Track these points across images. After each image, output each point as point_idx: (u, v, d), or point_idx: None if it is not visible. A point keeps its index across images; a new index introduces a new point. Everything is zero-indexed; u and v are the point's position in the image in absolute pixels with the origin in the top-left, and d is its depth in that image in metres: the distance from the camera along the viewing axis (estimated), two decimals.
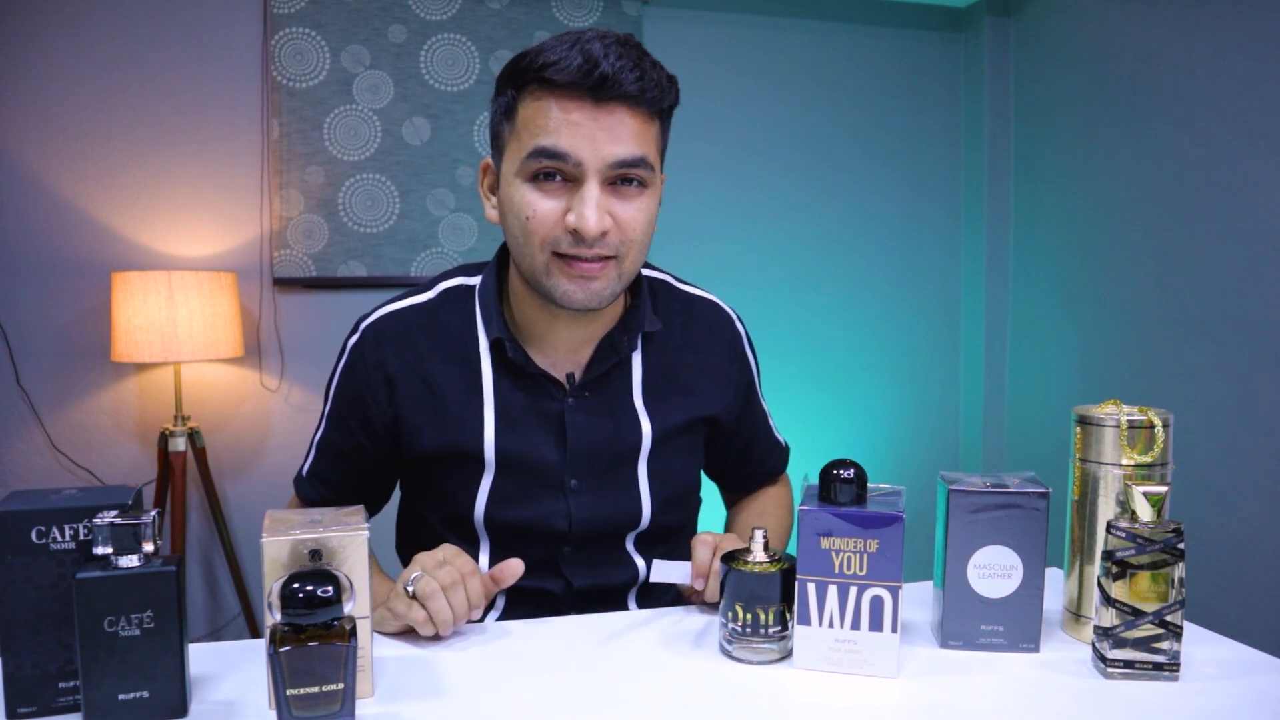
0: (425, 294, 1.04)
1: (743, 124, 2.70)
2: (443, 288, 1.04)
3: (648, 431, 1.02)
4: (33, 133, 2.18)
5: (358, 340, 1.02)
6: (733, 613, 0.81)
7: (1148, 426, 0.83)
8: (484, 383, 1.00)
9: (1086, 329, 2.52)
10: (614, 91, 0.86)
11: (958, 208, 2.92)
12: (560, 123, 0.87)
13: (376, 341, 1.01)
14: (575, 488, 1.00)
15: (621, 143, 0.88)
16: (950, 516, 0.83)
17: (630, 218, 0.91)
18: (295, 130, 2.31)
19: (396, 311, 1.02)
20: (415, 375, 1.00)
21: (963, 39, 2.88)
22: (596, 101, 0.87)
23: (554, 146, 0.87)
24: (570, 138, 0.87)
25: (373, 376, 1.00)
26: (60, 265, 2.21)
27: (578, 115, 0.87)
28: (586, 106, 0.87)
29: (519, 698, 0.75)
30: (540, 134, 0.88)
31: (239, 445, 2.37)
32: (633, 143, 0.89)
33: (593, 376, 1.00)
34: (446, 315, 1.02)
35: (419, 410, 1.00)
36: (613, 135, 0.88)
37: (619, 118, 0.88)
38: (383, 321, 1.02)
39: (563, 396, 1.00)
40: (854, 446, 2.82)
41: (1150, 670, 0.77)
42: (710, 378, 1.08)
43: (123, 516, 0.68)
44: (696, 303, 1.11)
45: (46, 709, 0.70)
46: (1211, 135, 2.11)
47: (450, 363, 1.00)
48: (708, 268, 2.66)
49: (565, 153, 0.87)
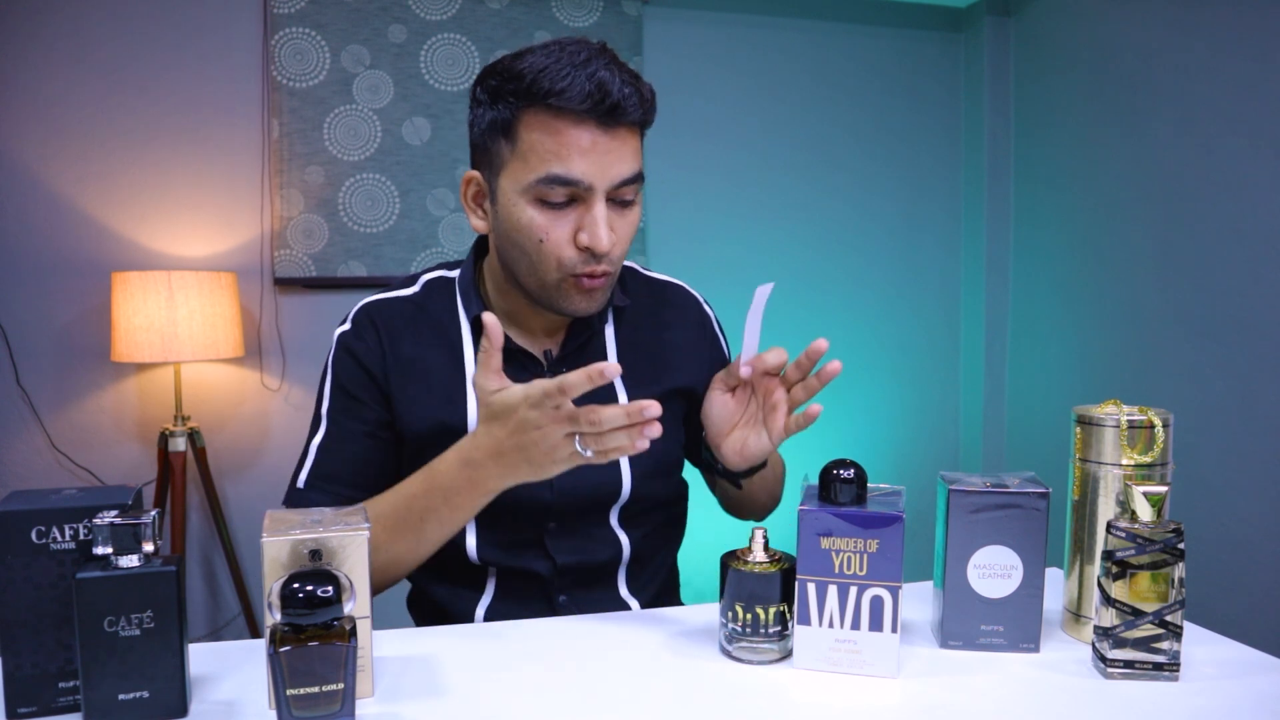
0: (409, 288, 1.09)
1: (743, 124, 2.70)
2: (425, 279, 1.10)
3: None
4: (33, 133, 2.18)
5: (350, 327, 1.06)
6: (733, 613, 0.81)
7: (1148, 426, 0.83)
8: (466, 362, 1.04)
9: (1086, 329, 2.52)
10: (622, 118, 0.91)
11: (958, 208, 2.92)
12: (573, 150, 0.90)
13: (370, 323, 1.05)
14: None
15: (625, 162, 0.94)
16: (950, 516, 0.83)
17: (625, 231, 0.98)
18: (295, 130, 2.31)
19: (384, 300, 1.08)
20: (404, 357, 1.04)
21: (963, 39, 2.88)
22: (605, 127, 0.91)
23: (568, 174, 0.91)
24: (583, 164, 0.91)
25: (372, 350, 1.04)
26: (60, 265, 2.21)
27: (588, 141, 0.91)
28: (596, 132, 0.91)
29: (519, 698, 0.75)
30: (552, 160, 0.91)
31: (239, 445, 2.37)
32: (633, 160, 0.95)
33: (568, 352, 1.06)
34: (431, 304, 1.07)
35: (407, 390, 1.03)
36: (619, 156, 0.93)
37: (623, 139, 0.93)
38: (372, 307, 1.07)
39: (540, 372, 1.04)
40: (854, 446, 2.82)
41: (1150, 670, 0.77)
42: (682, 353, 1.12)
43: (123, 516, 0.68)
44: (663, 286, 1.17)
45: (46, 709, 0.70)
46: (1211, 135, 2.11)
47: (436, 345, 1.05)
48: (708, 268, 2.67)
49: (579, 179, 0.91)
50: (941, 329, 2.93)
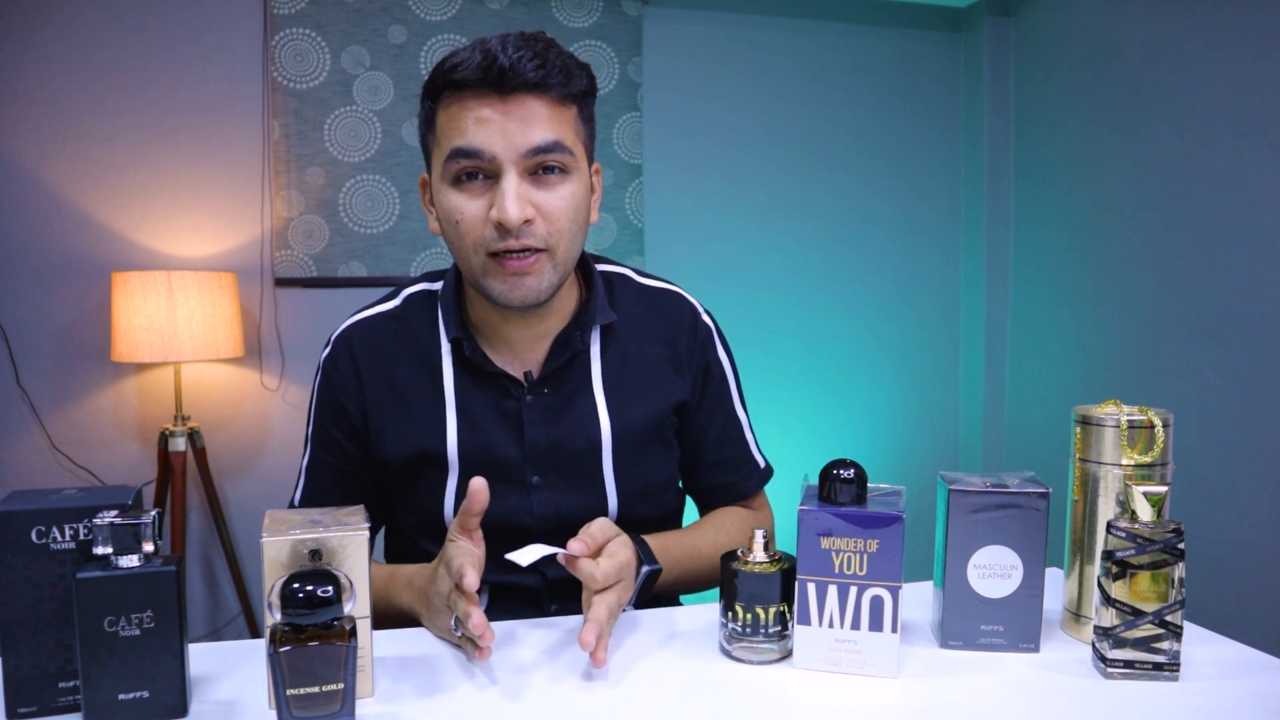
0: (391, 302, 1.07)
1: (743, 124, 2.70)
2: (407, 294, 1.07)
3: (607, 427, 1.02)
4: (33, 133, 2.18)
5: (330, 353, 1.05)
6: (733, 613, 0.81)
7: (1148, 426, 0.83)
8: (445, 384, 1.02)
9: (1086, 329, 2.52)
10: (515, 81, 0.88)
11: (958, 208, 2.92)
12: (470, 122, 0.89)
13: (348, 350, 1.04)
14: (538, 484, 1.02)
15: (533, 130, 0.90)
16: (950, 516, 0.83)
17: (554, 206, 0.92)
18: (296, 131, 2.31)
19: (365, 320, 1.06)
20: (384, 383, 1.03)
21: (963, 39, 2.88)
22: (501, 95, 0.89)
23: (468, 145, 0.89)
24: (481, 134, 0.89)
25: (348, 384, 1.03)
26: (60, 265, 2.21)
27: (486, 111, 0.89)
28: (493, 101, 0.89)
29: (519, 698, 0.75)
30: (455, 136, 0.90)
31: (239, 445, 2.37)
32: (545, 128, 0.90)
33: (549, 372, 1.02)
34: (413, 321, 1.05)
35: (386, 416, 1.02)
36: (523, 124, 0.89)
37: (528, 107, 0.90)
38: (352, 330, 1.05)
39: (521, 394, 1.01)
40: (854, 446, 2.82)
41: (1150, 670, 0.77)
42: (673, 366, 1.07)
43: (123, 516, 0.68)
44: (657, 294, 1.11)
45: (46, 709, 0.70)
46: (1211, 135, 2.11)
47: (416, 367, 1.03)
48: (708, 268, 2.67)
49: (479, 149, 0.89)
50: (941, 329, 2.93)
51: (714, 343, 1.12)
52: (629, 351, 1.05)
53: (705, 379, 1.10)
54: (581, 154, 0.96)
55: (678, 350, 1.08)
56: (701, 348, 1.10)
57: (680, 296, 1.12)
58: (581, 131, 0.96)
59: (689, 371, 1.08)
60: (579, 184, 0.95)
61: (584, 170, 0.96)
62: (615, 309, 1.06)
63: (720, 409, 1.11)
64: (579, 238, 0.96)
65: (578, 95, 0.94)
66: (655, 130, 2.61)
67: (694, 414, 1.10)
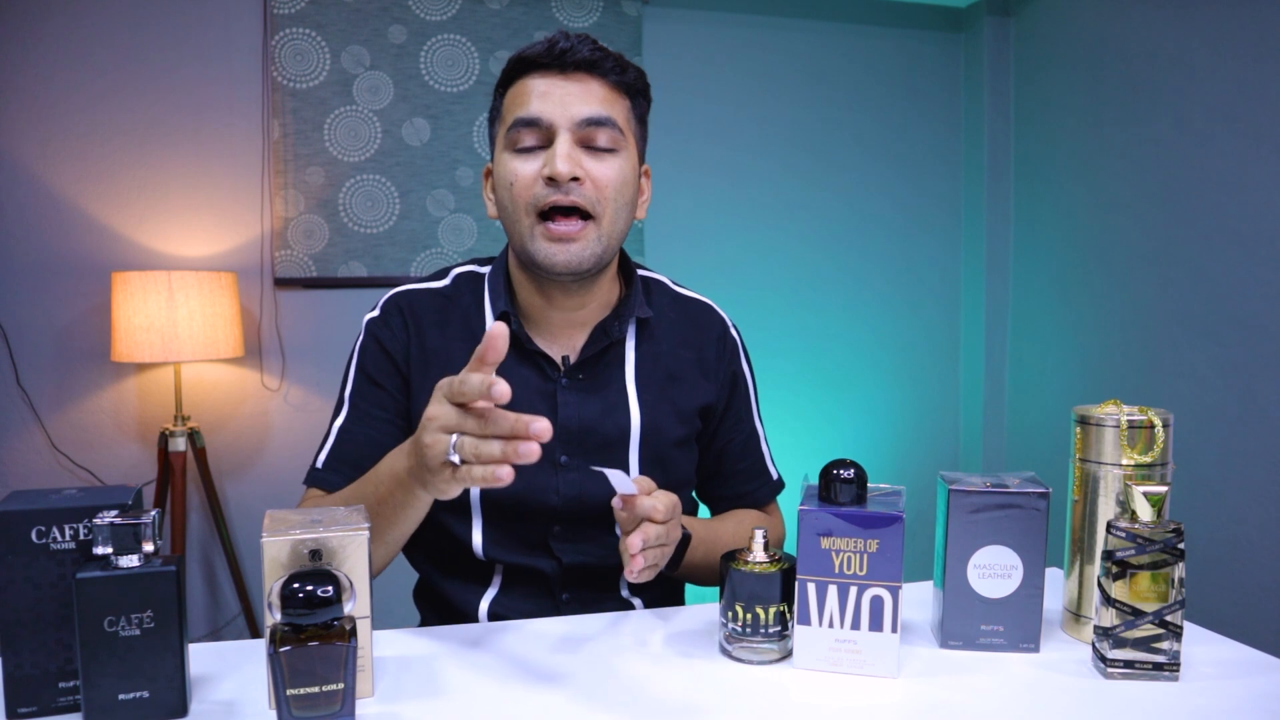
0: (439, 280, 1.11)
1: (743, 124, 2.70)
2: (456, 273, 1.12)
3: (637, 418, 1.05)
4: (33, 133, 2.18)
5: (379, 314, 1.08)
6: (733, 612, 0.81)
7: (1148, 426, 0.83)
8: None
9: (1086, 329, 2.52)
10: (574, 57, 0.97)
11: (957, 207, 2.92)
12: (533, 95, 0.98)
13: (399, 310, 1.07)
14: (566, 464, 1.03)
15: (588, 103, 0.97)
16: (950, 516, 0.83)
17: (602, 174, 0.98)
18: (296, 131, 2.31)
19: (415, 291, 1.09)
20: (428, 348, 1.05)
21: (963, 39, 2.88)
22: (563, 71, 0.97)
23: (527, 114, 0.97)
24: (541, 103, 0.97)
25: (397, 336, 1.06)
26: (60, 265, 2.21)
27: (547, 85, 0.97)
28: (554, 76, 0.98)
29: (519, 698, 0.75)
30: (518, 109, 0.98)
31: (239, 445, 2.37)
32: (599, 104, 0.98)
33: (586, 358, 1.05)
34: (460, 299, 1.09)
35: (427, 382, 1.03)
36: (579, 97, 0.97)
37: (585, 84, 0.98)
38: (402, 296, 1.09)
39: (557, 376, 1.04)
40: (854, 446, 2.82)
41: (1150, 670, 0.77)
42: (700, 371, 1.11)
43: (123, 516, 0.68)
44: (690, 302, 1.16)
45: (46, 709, 0.70)
46: (1211, 135, 2.11)
47: (460, 339, 1.06)
48: (708, 268, 2.67)
49: (538, 117, 0.97)
50: (941, 329, 2.93)
51: (740, 355, 1.17)
52: (661, 350, 1.09)
53: (732, 389, 1.14)
54: (633, 143, 1.02)
55: (706, 357, 1.12)
56: (730, 358, 1.14)
57: (711, 308, 1.17)
58: (633, 124, 1.03)
59: (715, 379, 1.12)
60: (628, 164, 1.01)
61: (634, 158, 1.02)
62: (651, 309, 1.10)
63: (744, 421, 1.16)
64: (624, 214, 1.01)
65: (630, 88, 1.02)
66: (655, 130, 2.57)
67: (719, 423, 1.14)
